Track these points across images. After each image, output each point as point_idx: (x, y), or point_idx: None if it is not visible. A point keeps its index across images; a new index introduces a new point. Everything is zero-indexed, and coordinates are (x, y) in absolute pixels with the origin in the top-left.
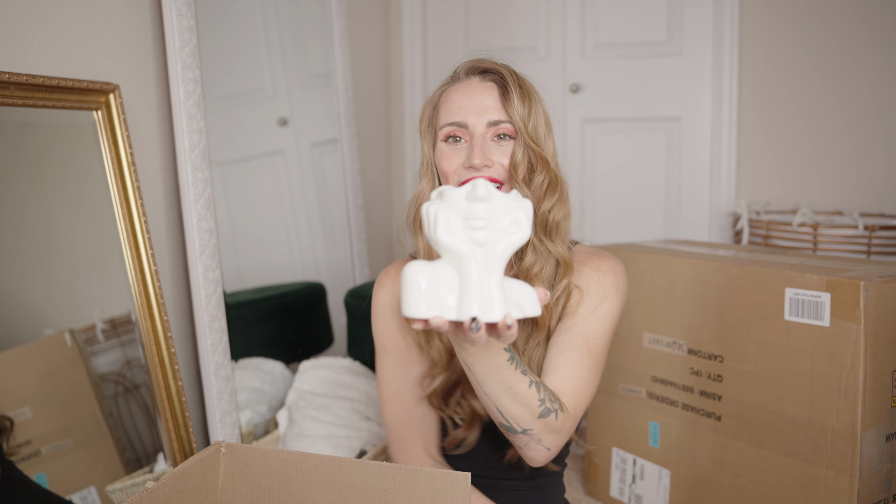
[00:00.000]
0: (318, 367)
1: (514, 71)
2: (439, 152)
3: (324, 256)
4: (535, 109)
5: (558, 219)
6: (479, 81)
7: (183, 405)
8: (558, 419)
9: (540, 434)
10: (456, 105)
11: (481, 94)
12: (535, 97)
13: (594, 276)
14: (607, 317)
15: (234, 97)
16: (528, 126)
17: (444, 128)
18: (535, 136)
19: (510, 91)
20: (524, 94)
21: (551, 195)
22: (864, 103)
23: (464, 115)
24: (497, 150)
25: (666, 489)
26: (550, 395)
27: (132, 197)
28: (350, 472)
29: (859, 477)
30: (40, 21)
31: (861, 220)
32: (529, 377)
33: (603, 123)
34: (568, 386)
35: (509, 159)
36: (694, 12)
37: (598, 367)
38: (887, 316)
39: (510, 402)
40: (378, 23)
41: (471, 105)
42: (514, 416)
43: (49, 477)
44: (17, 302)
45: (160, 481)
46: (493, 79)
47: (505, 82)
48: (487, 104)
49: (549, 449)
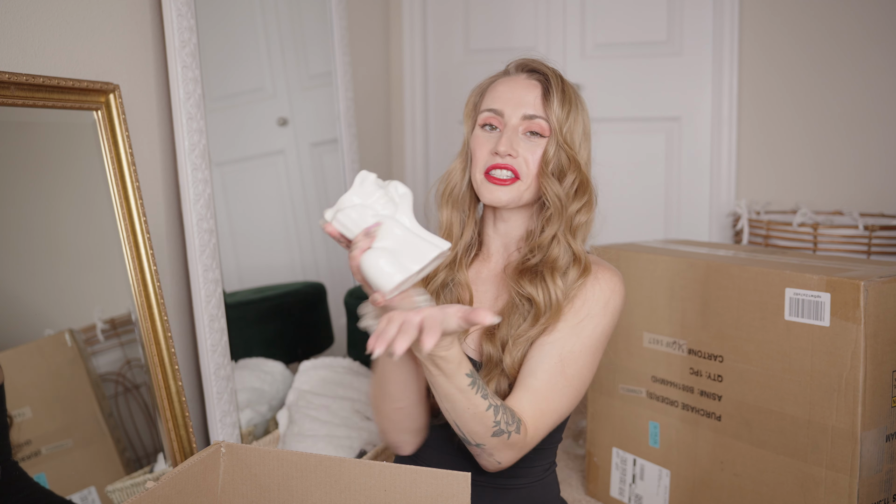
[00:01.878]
0: (318, 367)
1: (561, 76)
2: (475, 137)
3: (324, 256)
4: (575, 116)
5: (582, 222)
6: (525, 78)
7: (183, 405)
8: (511, 439)
9: (492, 450)
10: (497, 94)
11: (523, 89)
12: (578, 106)
13: (586, 287)
14: (589, 337)
15: (234, 97)
16: (563, 128)
17: (483, 113)
18: (570, 139)
19: (551, 92)
20: (566, 98)
21: (580, 197)
22: (864, 103)
23: (502, 105)
24: (526, 144)
25: (666, 489)
26: (508, 417)
27: (132, 197)
28: (350, 472)
29: (859, 477)
30: (40, 21)
31: (861, 220)
32: (489, 401)
33: (603, 123)
34: (532, 408)
35: (539, 156)
36: (694, 12)
37: (570, 389)
38: (887, 316)
39: (468, 419)
40: (378, 23)
41: (511, 97)
42: (469, 431)
43: (49, 477)
44: (17, 302)
45: (160, 481)
46: (539, 78)
47: (549, 84)
48: (527, 99)
49: (500, 462)
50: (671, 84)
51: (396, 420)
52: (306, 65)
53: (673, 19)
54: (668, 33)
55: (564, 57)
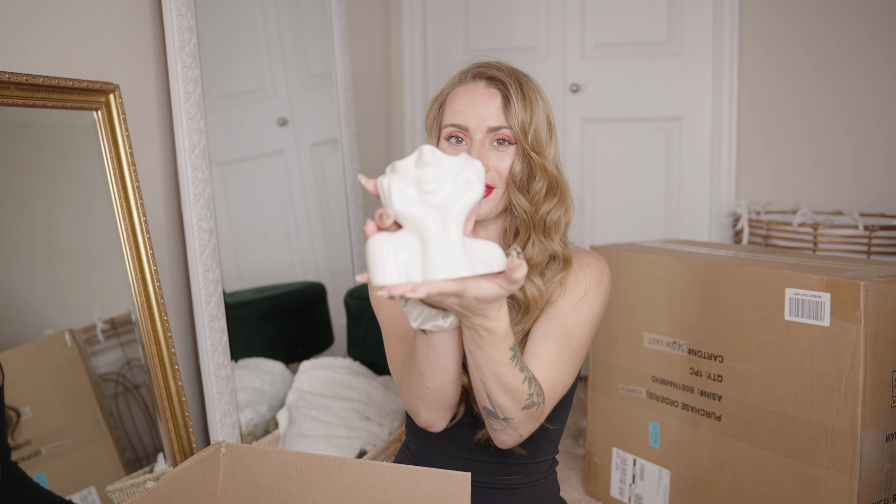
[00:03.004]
0: (318, 367)
1: (518, 77)
2: (441, 150)
3: (324, 256)
4: (537, 114)
5: (555, 218)
6: (484, 87)
7: (183, 405)
8: (538, 410)
9: (518, 423)
10: (459, 108)
11: (484, 101)
12: (538, 102)
13: (579, 271)
14: (588, 313)
15: (234, 97)
16: (528, 134)
17: (447, 128)
18: (536, 142)
19: (511, 100)
20: (526, 102)
21: (551, 199)
22: (863, 103)
23: (465, 119)
24: (495, 155)
25: (666, 489)
26: (538, 388)
27: (132, 197)
28: (350, 472)
29: (859, 477)
30: (40, 21)
31: (861, 220)
32: (525, 373)
33: (603, 123)
34: (547, 376)
35: (508, 166)
36: (694, 12)
37: (576, 360)
38: (887, 316)
39: (502, 393)
40: (378, 23)
41: (473, 110)
42: (501, 405)
43: (49, 477)
44: (17, 302)
45: (160, 481)
46: (498, 86)
47: (508, 91)
48: (489, 112)
49: (521, 436)
50: (671, 84)
51: (430, 399)
52: (306, 65)
53: (673, 19)
54: (668, 33)
55: (564, 57)
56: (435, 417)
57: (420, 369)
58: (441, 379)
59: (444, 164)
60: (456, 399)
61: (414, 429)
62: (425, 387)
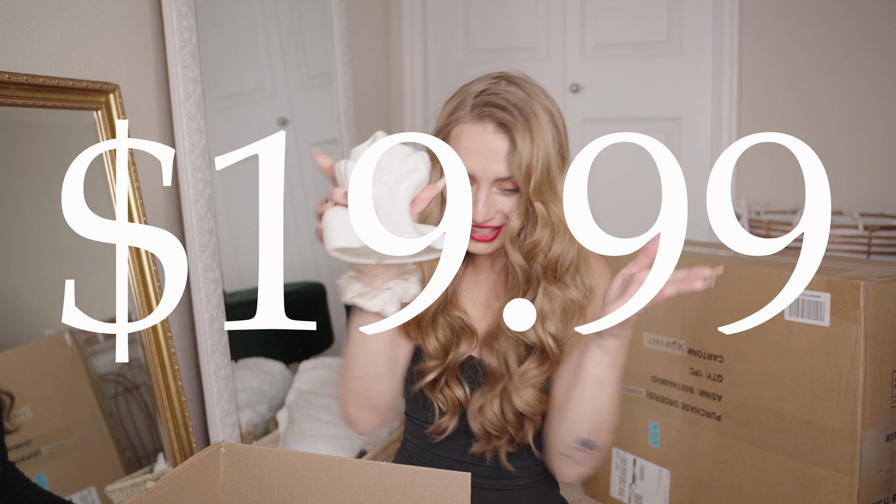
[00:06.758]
0: (318, 367)
1: (527, 116)
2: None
3: (324, 256)
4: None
5: (567, 260)
6: (492, 132)
7: (183, 405)
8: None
9: (602, 450)
10: (466, 152)
11: (492, 150)
12: (549, 135)
13: (602, 275)
14: None
15: (234, 97)
16: (531, 179)
17: None
18: (544, 181)
19: (517, 143)
20: (533, 139)
21: (560, 240)
22: (863, 103)
23: (471, 166)
24: (502, 200)
25: (666, 489)
26: None
27: (132, 197)
28: (350, 472)
29: (859, 477)
30: (40, 21)
31: (861, 220)
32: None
33: (603, 123)
34: None
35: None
36: (694, 12)
37: None
38: (887, 316)
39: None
40: (378, 23)
41: (479, 158)
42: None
43: (49, 477)
44: (17, 302)
45: (160, 481)
46: (507, 132)
47: (514, 135)
48: (496, 165)
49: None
50: (671, 84)
51: (356, 391)
52: (306, 65)
53: (673, 19)
54: (668, 33)
55: (564, 57)
56: (358, 416)
57: (350, 355)
58: (367, 370)
59: (395, 150)
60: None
61: (413, 429)
62: (352, 375)
